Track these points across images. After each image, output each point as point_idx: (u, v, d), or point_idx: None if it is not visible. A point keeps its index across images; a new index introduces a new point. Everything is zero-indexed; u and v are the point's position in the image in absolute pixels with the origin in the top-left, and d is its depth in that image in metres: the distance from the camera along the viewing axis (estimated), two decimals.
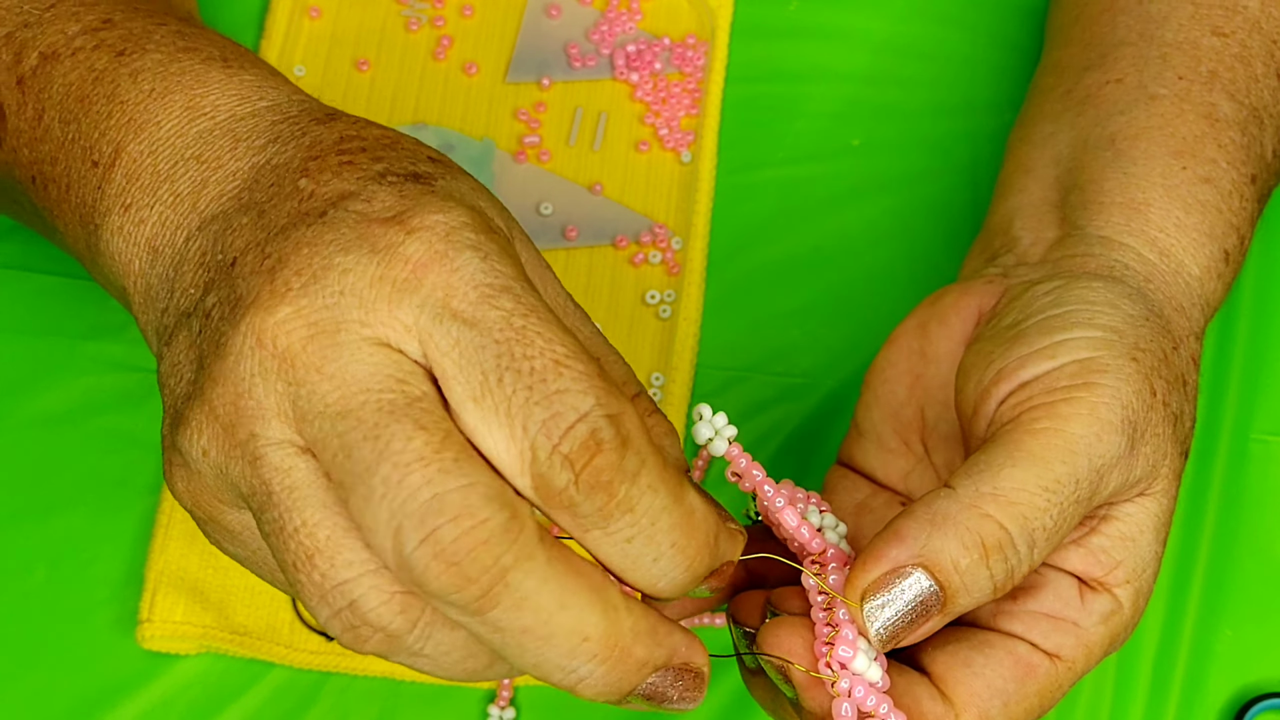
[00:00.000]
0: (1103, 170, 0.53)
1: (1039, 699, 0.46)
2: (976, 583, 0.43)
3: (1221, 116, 0.54)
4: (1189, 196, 0.52)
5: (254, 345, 0.39)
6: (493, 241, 0.40)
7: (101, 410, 0.60)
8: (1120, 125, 0.54)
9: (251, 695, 0.58)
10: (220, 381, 0.39)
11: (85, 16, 0.48)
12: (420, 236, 0.39)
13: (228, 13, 0.66)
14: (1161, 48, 0.55)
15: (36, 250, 0.62)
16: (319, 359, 0.38)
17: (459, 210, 0.40)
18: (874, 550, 0.43)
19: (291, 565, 0.39)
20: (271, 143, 0.44)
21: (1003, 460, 0.44)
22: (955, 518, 0.43)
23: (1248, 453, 0.61)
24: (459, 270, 0.38)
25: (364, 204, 0.40)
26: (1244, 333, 0.63)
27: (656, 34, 0.67)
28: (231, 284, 0.40)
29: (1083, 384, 0.45)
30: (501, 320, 0.38)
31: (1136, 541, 0.47)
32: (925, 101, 0.66)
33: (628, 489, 0.38)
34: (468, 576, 0.36)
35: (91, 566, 0.59)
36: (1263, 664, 0.59)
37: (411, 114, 0.65)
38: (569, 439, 0.37)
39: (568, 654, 0.38)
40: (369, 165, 0.42)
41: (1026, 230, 0.54)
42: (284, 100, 0.46)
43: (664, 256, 0.63)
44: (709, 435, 0.44)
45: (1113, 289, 0.49)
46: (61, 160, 0.47)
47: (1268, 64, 0.55)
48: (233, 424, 0.39)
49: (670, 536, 0.39)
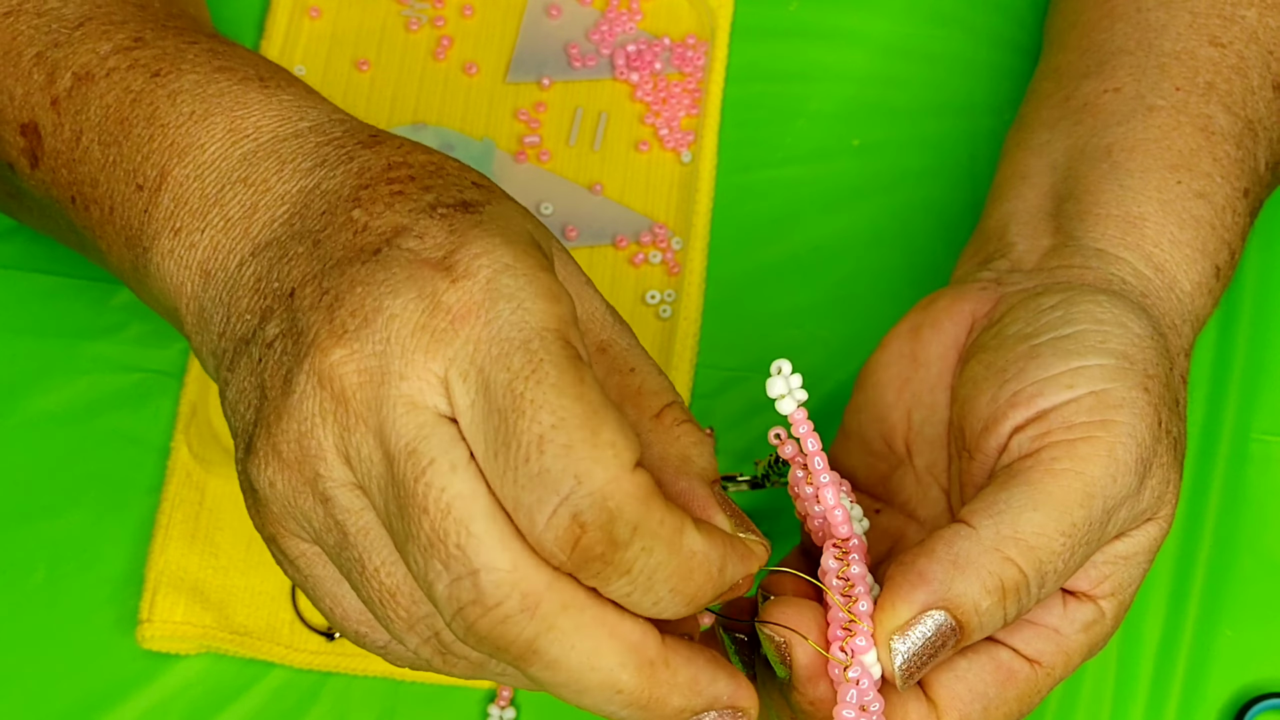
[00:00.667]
0: (1099, 182, 0.53)
1: (1018, 703, 0.47)
2: (993, 621, 0.44)
3: (1218, 129, 0.54)
4: (1184, 212, 0.52)
5: (315, 386, 0.40)
6: (533, 282, 0.40)
7: (101, 410, 0.60)
8: (1117, 136, 0.54)
9: (251, 695, 0.58)
10: (284, 417, 0.41)
11: (116, 35, 0.49)
12: (463, 286, 0.40)
13: (228, 13, 0.66)
14: (1159, 57, 0.55)
15: (36, 250, 0.62)
16: (364, 409, 0.40)
17: (503, 250, 0.40)
18: (900, 593, 0.44)
19: (377, 601, 0.42)
20: (318, 166, 0.44)
21: (1023, 502, 0.45)
22: (977, 561, 0.44)
23: (1248, 453, 0.61)
24: (490, 323, 0.39)
25: (416, 240, 0.41)
26: (1244, 333, 0.63)
27: (656, 34, 0.67)
28: (292, 316, 0.41)
29: (1100, 421, 0.46)
30: (505, 385, 0.39)
31: (1130, 560, 0.48)
32: (925, 102, 0.66)
33: (621, 555, 0.39)
34: (499, 647, 0.39)
35: (91, 566, 0.59)
36: (1263, 664, 0.59)
37: (411, 114, 0.65)
38: (552, 525, 0.38)
39: (604, 703, 0.40)
40: (419, 195, 0.42)
41: (1021, 237, 0.54)
42: (325, 120, 0.46)
43: (664, 256, 0.63)
44: (782, 392, 0.44)
45: (1117, 305, 0.49)
46: (103, 183, 0.48)
47: (1264, 75, 0.55)
48: (299, 461, 0.41)
49: (669, 584, 0.40)
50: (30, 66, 0.49)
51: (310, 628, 0.58)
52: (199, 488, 0.59)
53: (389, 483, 0.40)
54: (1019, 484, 0.45)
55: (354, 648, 0.58)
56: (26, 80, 0.49)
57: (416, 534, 0.39)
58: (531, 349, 0.39)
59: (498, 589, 0.39)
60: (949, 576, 0.44)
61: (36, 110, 0.49)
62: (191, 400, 0.60)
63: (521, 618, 0.39)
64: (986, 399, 0.48)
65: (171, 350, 0.61)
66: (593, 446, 0.38)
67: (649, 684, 0.40)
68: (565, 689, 0.40)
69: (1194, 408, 0.62)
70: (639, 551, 0.39)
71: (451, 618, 0.39)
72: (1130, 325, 0.48)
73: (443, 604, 0.39)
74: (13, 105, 0.49)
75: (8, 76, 0.49)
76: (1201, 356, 0.62)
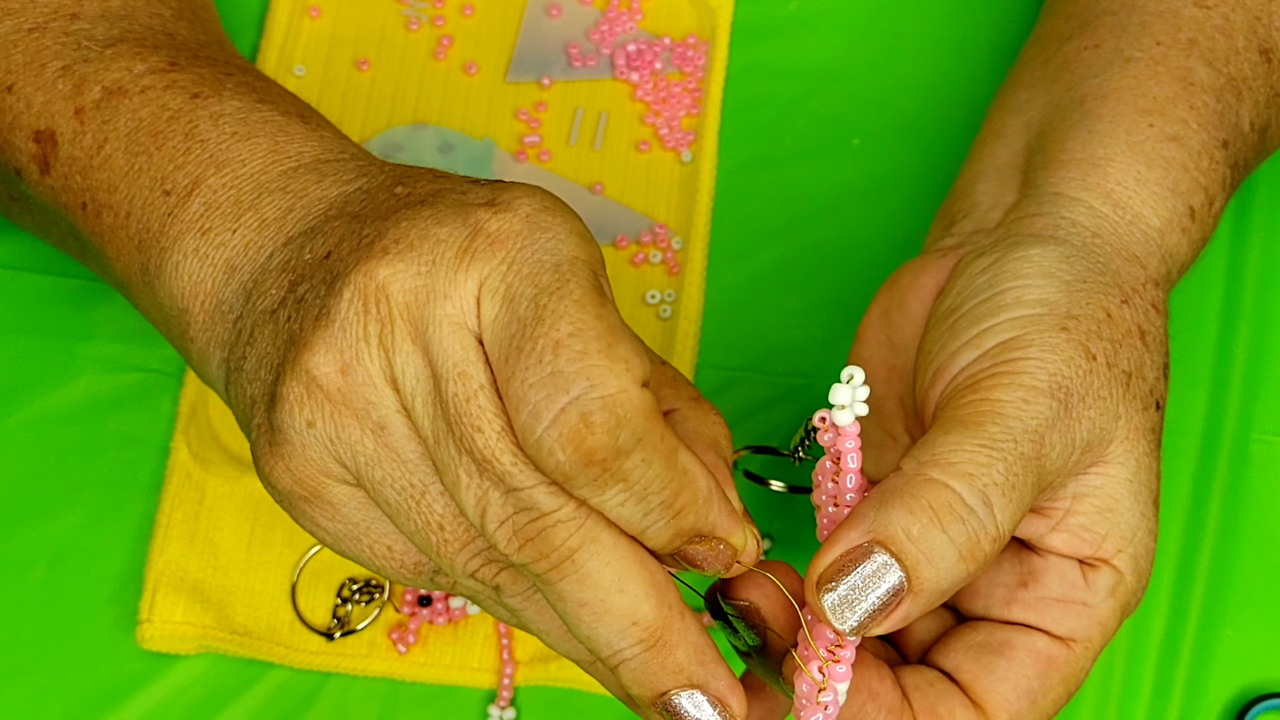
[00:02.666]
0: (1068, 130, 0.53)
1: (1064, 686, 0.47)
2: (935, 549, 0.43)
3: (1196, 81, 0.53)
4: (1153, 152, 0.52)
5: (360, 309, 0.41)
6: (569, 222, 0.41)
7: (101, 410, 0.60)
8: (1091, 87, 0.53)
9: (251, 695, 0.58)
10: (323, 349, 0.41)
11: (150, 58, 0.50)
12: (504, 217, 0.41)
13: (228, 13, 0.66)
14: (1142, 16, 0.55)
15: (36, 250, 0.62)
16: (411, 329, 0.41)
17: (544, 196, 0.42)
18: (828, 540, 0.44)
19: (434, 526, 0.42)
20: (360, 176, 0.46)
21: (936, 432, 0.45)
22: (901, 491, 0.43)
23: (1249, 454, 0.61)
24: (526, 247, 0.40)
25: (461, 194, 0.43)
26: (1245, 333, 0.63)
27: (657, 34, 0.67)
28: (328, 268, 0.42)
29: (1005, 361, 0.46)
30: (530, 298, 0.40)
31: (1115, 510, 0.47)
32: (925, 101, 0.66)
33: (621, 463, 0.39)
34: (541, 554, 0.41)
35: (91, 566, 0.59)
36: (1264, 664, 0.59)
37: (411, 114, 0.65)
38: (559, 422, 0.39)
39: (618, 633, 0.41)
40: (460, 180, 0.44)
41: (987, 194, 0.54)
42: (366, 156, 0.48)
43: (664, 256, 0.63)
44: (844, 402, 0.43)
45: (1049, 254, 0.49)
46: (123, 188, 0.48)
47: (1249, 38, 0.55)
48: (344, 393, 0.41)
49: (661, 497, 0.40)
50: (55, 77, 0.50)
51: (310, 628, 0.58)
52: (199, 488, 0.59)
53: (436, 402, 0.40)
54: (933, 426, 0.46)
55: (354, 648, 0.58)
56: (49, 89, 0.50)
57: (471, 450, 0.40)
58: (561, 271, 0.40)
59: (553, 499, 0.40)
60: (874, 512, 0.43)
61: (56, 118, 0.49)
62: (191, 400, 0.60)
63: (570, 525, 0.40)
64: (922, 381, 0.48)
65: (171, 350, 0.61)
66: (608, 358, 0.39)
67: (664, 625, 0.41)
68: (588, 608, 0.41)
69: (1195, 408, 0.62)
70: (639, 462, 0.39)
71: (499, 525, 0.41)
72: (1058, 272, 0.48)
73: (495, 514, 0.41)
74: (29, 112, 0.50)
75: (28, 85, 0.50)
76: (1202, 357, 0.62)
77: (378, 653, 0.58)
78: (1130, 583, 0.47)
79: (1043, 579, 0.47)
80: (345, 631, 0.58)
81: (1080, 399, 0.46)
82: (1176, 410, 0.60)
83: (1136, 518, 0.47)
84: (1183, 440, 0.61)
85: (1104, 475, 0.47)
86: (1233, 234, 0.64)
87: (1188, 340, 0.62)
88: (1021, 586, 0.47)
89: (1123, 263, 0.50)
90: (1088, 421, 0.46)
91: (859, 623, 0.42)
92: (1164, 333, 0.49)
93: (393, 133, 0.65)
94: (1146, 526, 0.48)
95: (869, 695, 0.44)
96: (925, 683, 0.46)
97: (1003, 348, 0.46)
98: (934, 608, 0.44)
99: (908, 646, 0.49)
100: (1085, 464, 0.46)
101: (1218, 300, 0.63)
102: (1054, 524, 0.47)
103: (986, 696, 0.46)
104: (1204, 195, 0.52)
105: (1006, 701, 0.46)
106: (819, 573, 0.43)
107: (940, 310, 0.49)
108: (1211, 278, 0.63)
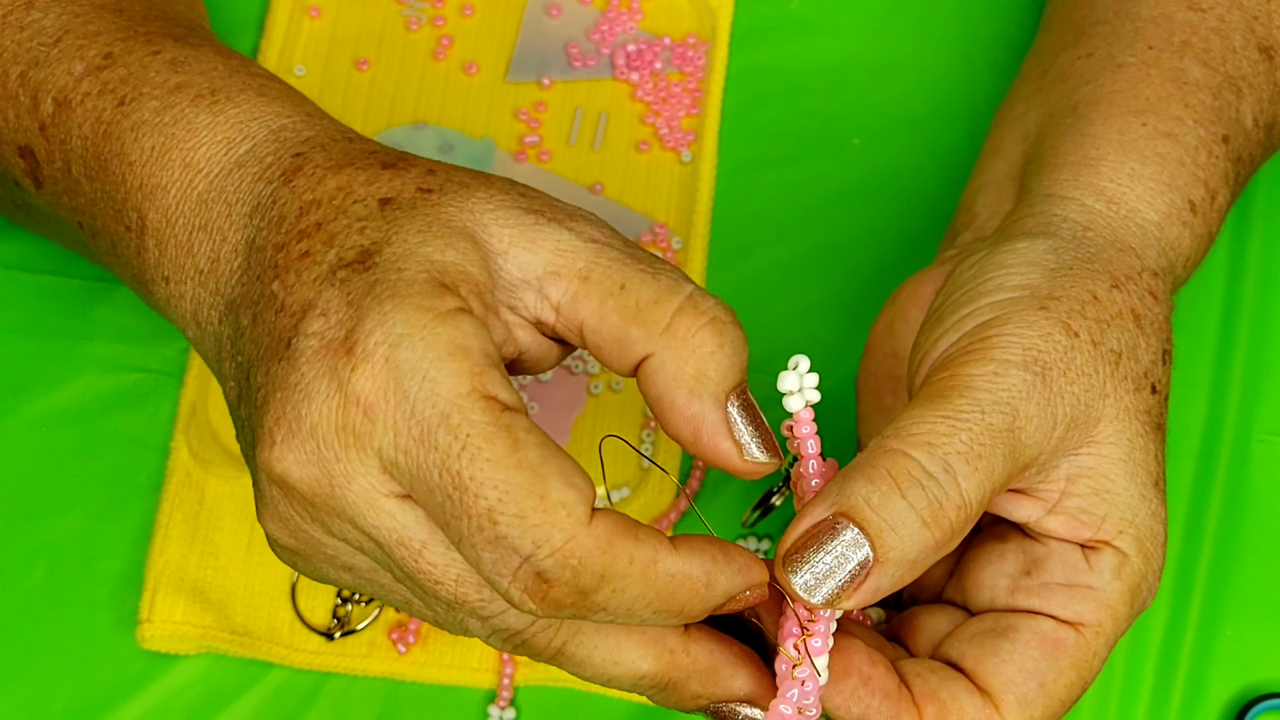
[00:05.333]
0: (1062, 136, 0.53)
1: (1075, 672, 0.46)
2: (897, 516, 0.42)
3: (1191, 80, 0.53)
4: (1146, 150, 0.51)
5: (278, 493, 0.42)
6: (433, 345, 0.40)
7: (101, 410, 0.60)
8: (1085, 94, 0.53)
9: (251, 695, 0.58)
10: (268, 519, 0.43)
11: (88, 52, 0.49)
12: (365, 372, 0.40)
13: (228, 13, 0.66)
14: (1135, 22, 0.55)
15: (36, 250, 0.62)
16: (330, 510, 0.41)
17: (396, 318, 0.40)
18: (795, 519, 0.44)
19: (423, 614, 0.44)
20: (254, 213, 0.45)
21: (904, 409, 0.45)
22: (861, 463, 0.43)
23: (1250, 454, 0.61)
24: (401, 405, 0.40)
25: (321, 320, 0.41)
26: (1245, 333, 0.63)
27: (657, 33, 0.67)
28: (250, 407, 0.43)
29: (980, 339, 0.46)
30: (439, 466, 0.39)
31: (1111, 491, 0.46)
32: (925, 101, 0.66)
33: (592, 599, 0.40)
34: (533, 651, 0.43)
35: (91, 566, 0.59)
36: (1264, 664, 0.59)
37: (411, 114, 0.65)
38: (518, 581, 0.39)
39: (629, 688, 0.44)
40: (323, 253, 0.42)
41: (986, 206, 0.54)
42: (263, 140, 0.46)
43: (664, 256, 0.63)
44: (793, 388, 0.43)
45: (1036, 246, 0.48)
46: (99, 217, 0.49)
47: (1246, 37, 0.55)
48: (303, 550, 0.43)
49: (650, 609, 0.41)
50: (16, 88, 0.49)
51: (310, 628, 0.58)
52: (199, 488, 0.59)
53: (388, 559, 0.42)
54: (904, 406, 0.45)
55: (354, 648, 0.58)
56: (16, 103, 0.50)
57: (439, 596, 0.42)
58: (452, 424, 0.39)
59: (523, 619, 0.42)
60: (836, 487, 0.43)
61: (29, 134, 0.50)
62: (191, 400, 0.60)
63: (549, 631, 0.42)
64: (910, 375, 0.48)
65: (171, 350, 0.61)
66: (544, 511, 0.39)
67: (669, 669, 0.43)
68: (595, 680, 0.44)
69: (1195, 408, 0.62)
70: (610, 594, 0.40)
71: (488, 637, 0.43)
72: (1043, 261, 0.48)
73: (480, 632, 0.43)
74: (8, 128, 0.50)
75: (1, 98, 0.50)
76: (1202, 357, 0.62)
77: (378, 653, 0.58)
78: (1137, 564, 0.46)
79: (1045, 565, 0.47)
80: (345, 631, 0.58)
81: (1061, 373, 0.45)
82: (1176, 410, 0.60)
83: (1135, 499, 0.46)
84: (1183, 440, 0.61)
85: (1096, 456, 0.46)
86: (1233, 234, 0.64)
87: (1188, 340, 0.62)
88: (1025, 575, 0.47)
89: (1116, 253, 0.49)
90: (1070, 397, 0.45)
91: (827, 596, 0.42)
92: (1163, 320, 0.49)
93: (393, 132, 0.65)
94: (1148, 509, 0.47)
95: (860, 680, 0.44)
96: (927, 670, 0.46)
97: (980, 328, 0.46)
98: (907, 581, 0.43)
99: (918, 648, 0.49)
100: (1074, 443, 0.46)
101: (1218, 300, 0.63)
102: (1050, 507, 0.46)
103: (991, 679, 0.45)
104: (1204, 189, 0.52)
105: (1012, 683, 0.45)
106: (784, 549, 0.43)
107: (930, 308, 0.49)
108: (1212, 278, 0.63)
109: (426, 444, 0.39)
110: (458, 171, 0.45)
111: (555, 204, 0.44)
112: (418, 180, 0.44)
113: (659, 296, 0.42)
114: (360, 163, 0.45)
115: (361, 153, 0.45)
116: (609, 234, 0.44)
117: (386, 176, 0.44)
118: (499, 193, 0.44)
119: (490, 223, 0.43)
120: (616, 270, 0.43)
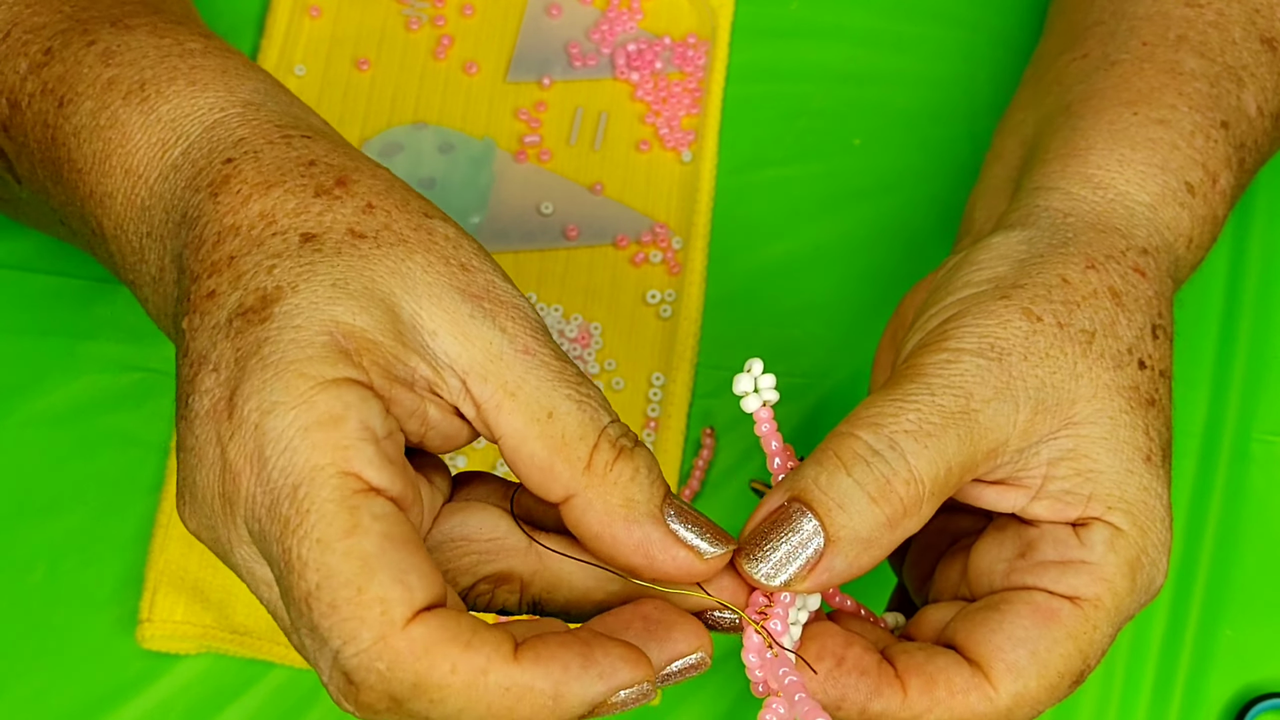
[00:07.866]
0: (1053, 134, 0.53)
1: (1072, 643, 0.45)
2: (843, 493, 0.43)
3: (1186, 70, 0.53)
4: (1137, 136, 0.51)
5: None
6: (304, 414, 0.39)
7: (101, 410, 0.60)
8: (1078, 93, 0.54)
9: (251, 695, 0.58)
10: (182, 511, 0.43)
11: (31, 48, 0.48)
12: (238, 439, 0.39)
13: (228, 13, 0.66)
14: (1131, 21, 0.55)
15: (36, 250, 0.62)
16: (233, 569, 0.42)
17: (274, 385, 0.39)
18: (754, 511, 0.44)
19: None
20: (183, 223, 0.44)
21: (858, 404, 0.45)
22: (816, 450, 0.44)
23: (1250, 454, 0.61)
24: (259, 473, 0.39)
25: (212, 375, 0.40)
26: (1246, 333, 0.63)
27: (657, 33, 0.67)
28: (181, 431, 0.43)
29: (938, 334, 0.46)
30: (277, 539, 0.39)
31: (1094, 470, 0.46)
32: (926, 101, 0.66)
33: (408, 707, 0.38)
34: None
35: (91, 566, 0.59)
36: (1264, 664, 0.59)
37: (411, 113, 0.65)
38: (332, 679, 0.39)
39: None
40: (227, 296, 0.41)
41: (984, 211, 0.55)
42: (197, 138, 0.45)
43: (665, 256, 0.63)
44: (747, 389, 0.44)
45: (1011, 239, 0.49)
46: (71, 220, 0.48)
47: (1248, 30, 0.55)
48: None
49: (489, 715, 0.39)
50: None
51: None
52: None
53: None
54: None
55: None
56: None
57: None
58: (298, 498, 0.38)
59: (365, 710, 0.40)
60: (792, 475, 0.44)
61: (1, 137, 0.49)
62: None
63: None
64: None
65: (172, 350, 0.61)
66: (357, 606, 0.38)
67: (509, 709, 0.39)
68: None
69: (1195, 408, 0.62)
70: (427, 704, 0.38)
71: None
72: (1014, 253, 0.48)
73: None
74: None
75: None
76: (1203, 357, 0.62)
77: None
78: (1133, 536, 0.46)
79: (1038, 546, 0.46)
80: None
81: (1022, 357, 0.45)
82: (1177, 410, 0.60)
83: (1121, 474, 0.46)
84: (1183, 440, 0.61)
85: (1076, 436, 0.46)
86: (1233, 234, 0.64)
87: (1188, 340, 0.62)
88: (1020, 557, 0.47)
89: (1095, 234, 0.49)
90: (1034, 380, 0.45)
91: (785, 580, 0.43)
92: (1152, 296, 0.49)
93: (393, 132, 0.65)
94: (1138, 483, 0.46)
95: (835, 661, 0.44)
96: (916, 648, 0.45)
97: (942, 324, 0.46)
98: (864, 563, 0.43)
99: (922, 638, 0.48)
100: (1049, 427, 0.46)
101: (1218, 301, 0.63)
102: (1033, 493, 0.46)
103: (980, 649, 0.44)
104: (1202, 171, 0.52)
105: (1001, 650, 0.44)
106: (743, 538, 0.43)
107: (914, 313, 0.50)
108: (1212, 278, 0.64)
109: (272, 515, 0.38)
110: (401, 213, 0.43)
111: (494, 288, 0.42)
112: (351, 219, 0.42)
113: (583, 432, 0.42)
114: (292, 182, 0.43)
115: (297, 166, 0.43)
116: (541, 339, 0.43)
117: (317, 208, 0.42)
118: (439, 262, 0.42)
119: (424, 297, 0.42)
120: (545, 394, 0.42)
